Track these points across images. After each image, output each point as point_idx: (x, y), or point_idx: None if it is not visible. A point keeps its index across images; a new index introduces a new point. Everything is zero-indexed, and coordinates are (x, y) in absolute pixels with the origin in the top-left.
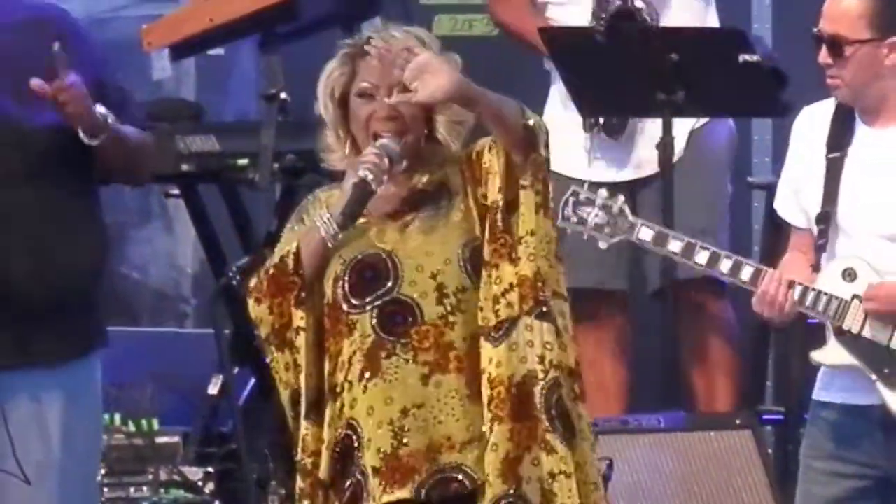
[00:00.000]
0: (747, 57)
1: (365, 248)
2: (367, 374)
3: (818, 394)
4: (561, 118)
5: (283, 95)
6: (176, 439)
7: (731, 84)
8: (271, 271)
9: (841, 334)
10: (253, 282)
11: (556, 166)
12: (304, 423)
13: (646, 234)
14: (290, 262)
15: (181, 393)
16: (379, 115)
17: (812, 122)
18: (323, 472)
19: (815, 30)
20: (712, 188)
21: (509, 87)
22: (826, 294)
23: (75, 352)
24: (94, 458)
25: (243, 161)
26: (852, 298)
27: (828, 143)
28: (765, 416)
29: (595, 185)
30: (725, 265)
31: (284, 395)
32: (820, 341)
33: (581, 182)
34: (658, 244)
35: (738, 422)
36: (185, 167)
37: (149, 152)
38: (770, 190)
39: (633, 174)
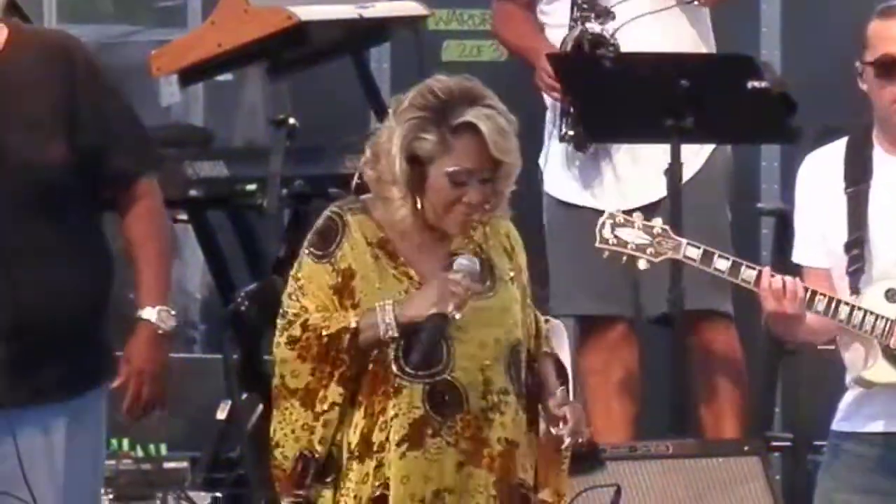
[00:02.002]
0: (756, 83)
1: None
2: (406, 444)
3: (840, 425)
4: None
5: (291, 121)
6: (184, 464)
7: (740, 110)
8: (324, 339)
9: (888, 353)
10: (296, 332)
11: (551, 190)
12: (319, 489)
13: (692, 252)
14: (346, 340)
15: (189, 418)
16: (470, 200)
17: (823, 167)
18: None
19: (882, 54)
20: (714, 214)
21: (516, 113)
22: (872, 313)
23: (85, 385)
24: (98, 484)
25: (252, 186)
26: None
27: (846, 179)
28: (773, 443)
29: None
30: (749, 274)
31: (291, 447)
32: (820, 367)
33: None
34: (705, 263)
35: (746, 448)
36: (193, 193)
37: (168, 237)
38: (778, 216)
39: (642, 200)
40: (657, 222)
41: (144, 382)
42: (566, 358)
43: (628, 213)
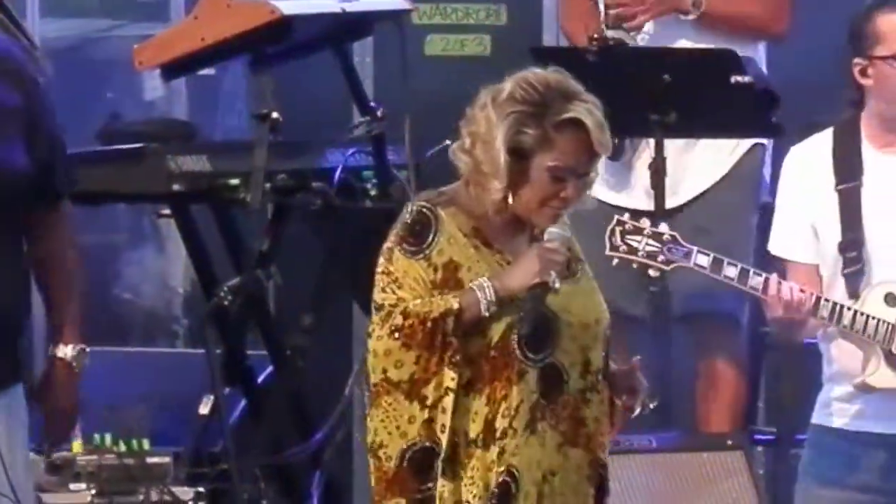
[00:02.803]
0: (739, 78)
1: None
2: (528, 430)
3: (819, 417)
4: None
5: (274, 115)
6: (167, 459)
7: (723, 105)
8: (429, 324)
9: (891, 358)
10: (398, 321)
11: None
12: (440, 481)
13: (703, 260)
14: (451, 323)
15: (172, 413)
16: (566, 195)
17: (809, 158)
18: None
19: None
20: (739, 215)
21: None
22: (875, 318)
23: (15, 379)
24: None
25: (235, 181)
26: None
27: (836, 174)
28: (756, 437)
29: (637, 214)
30: (756, 281)
31: (395, 444)
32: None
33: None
34: (714, 270)
35: (729, 442)
36: (176, 187)
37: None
38: (764, 210)
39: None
40: (664, 228)
41: (60, 420)
42: None
43: (641, 215)
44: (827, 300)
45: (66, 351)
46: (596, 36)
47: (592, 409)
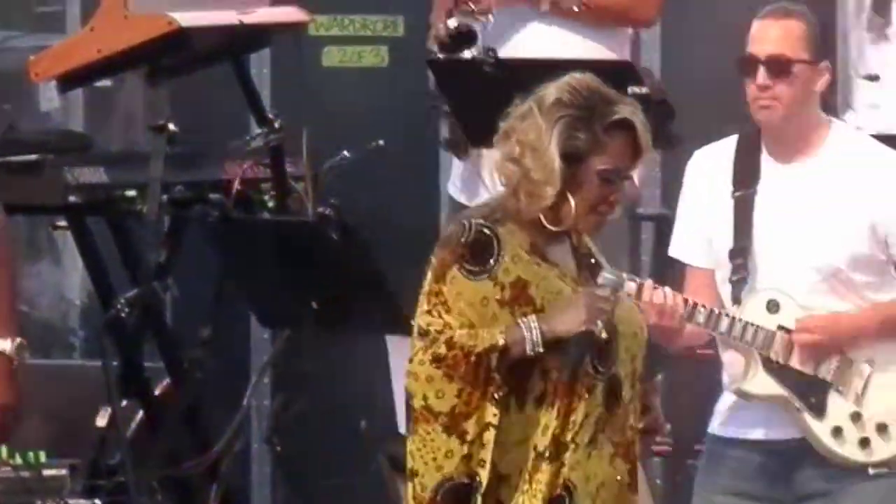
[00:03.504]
0: (636, 89)
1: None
2: (592, 444)
3: (719, 429)
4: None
5: (171, 127)
6: (63, 472)
7: None
8: (472, 358)
9: (768, 365)
10: (442, 350)
11: (451, 190)
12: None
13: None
14: (495, 359)
15: (69, 425)
16: (615, 198)
17: (710, 163)
18: None
19: (747, 53)
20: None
21: (399, 117)
22: (753, 325)
23: None
24: None
25: (132, 193)
26: (777, 329)
27: (734, 181)
28: (654, 448)
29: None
30: (630, 287)
31: (431, 476)
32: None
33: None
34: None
35: None
36: (72, 199)
37: None
38: (659, 221)
39: None
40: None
41: (5, 416)
42: None
43: None
44: (704, 307)
45: (6, 345)
46: (444, 26)
47: (633, 417)
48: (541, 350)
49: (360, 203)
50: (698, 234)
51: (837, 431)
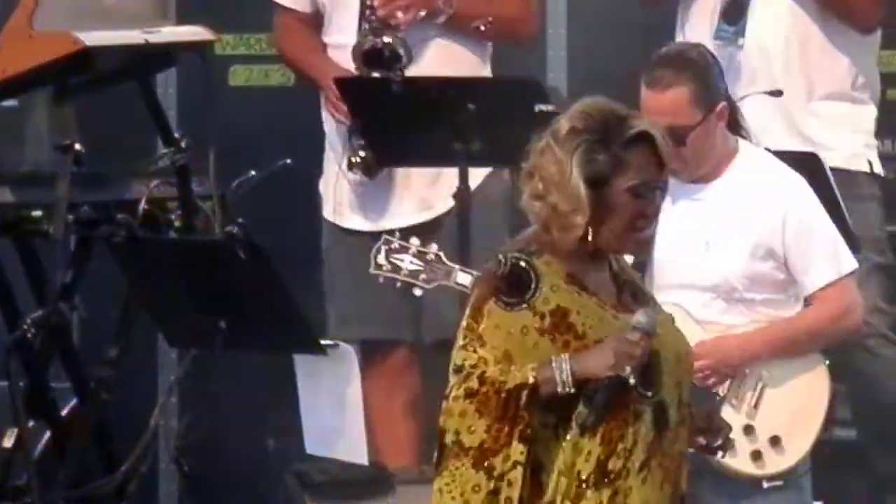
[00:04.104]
0: (542, 106)
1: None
2: (645, 470)
3: None
4: (330, 165)
5: (77, 146)
6: None
7: (528, 133)
8: (503, 395)
9: None
10: (474, 385)
11: (326, 214)
12: None
13: (463, 278)
14: (525, 397)
15: None
16: (650, 211)
17: None
18: None
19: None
20: (492, 235)
21: (305, 136)
22: None
23: None
24: None
25: (38, 213)
26: None
27: None
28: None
29: (404, 232)
30: None
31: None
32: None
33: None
34: None
35: None
36: None
37: None
38: None
39: (398, 222)
40: (432, 248)
41: None
42: (356, 384)
43: (407, 233)
44: None
45: None
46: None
47: (683, 443)
48: (571, 391)
49: (267, 222)
50: None
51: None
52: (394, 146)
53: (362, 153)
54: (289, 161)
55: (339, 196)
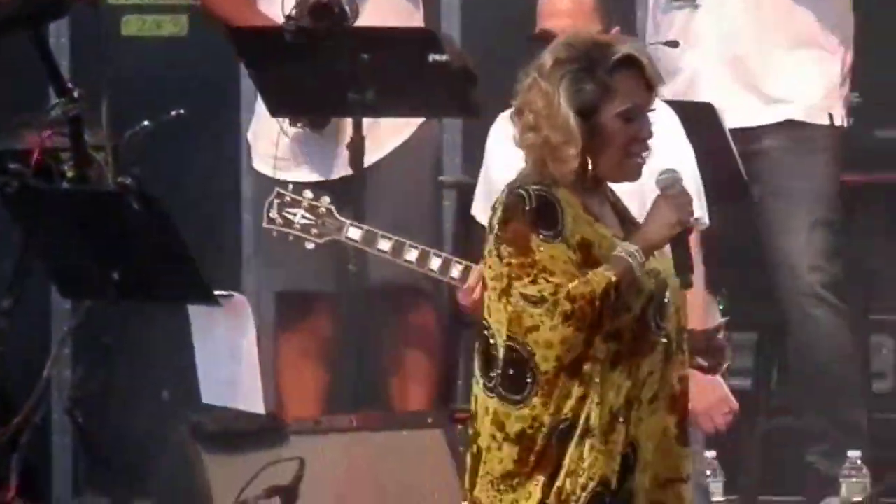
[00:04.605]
0: (437, 57)
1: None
2: (656, 401)
3: None
4: (268, 119)
5: None
6: None
7: (422, 84)
8: (596, 303)
9: None
10: (567, 307)
11: (260, 166)
12: (590, 453)
13: (354, 233)
14: (613, 295)
15: None
16: (644, 135)
17: (504, 128)
18: (613, 485)
19: (539, 29)
20: (418, 189)
21: (198, 88)
22: None
23: None
24: None
25: None
26: None
27: None
28: (456, 415)
29: (300, 186)
30: (435, 263)
31: (550, 424)
32: None
33: (286, 183)
34: (367, 243)
35: (429, 420)
36: None
37: None
38: (460, 189)
39: (342, 172)
40: (324, 201)
41: None
42: (251, 334)
43: (339, 184)
44: None
45: None
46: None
47: (679, 368)
48: (643, 265)
49: (160, 172)
50: (492, 193)
51: None
52: (288, 96)
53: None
54: (181, 111)
55: (275, 148)
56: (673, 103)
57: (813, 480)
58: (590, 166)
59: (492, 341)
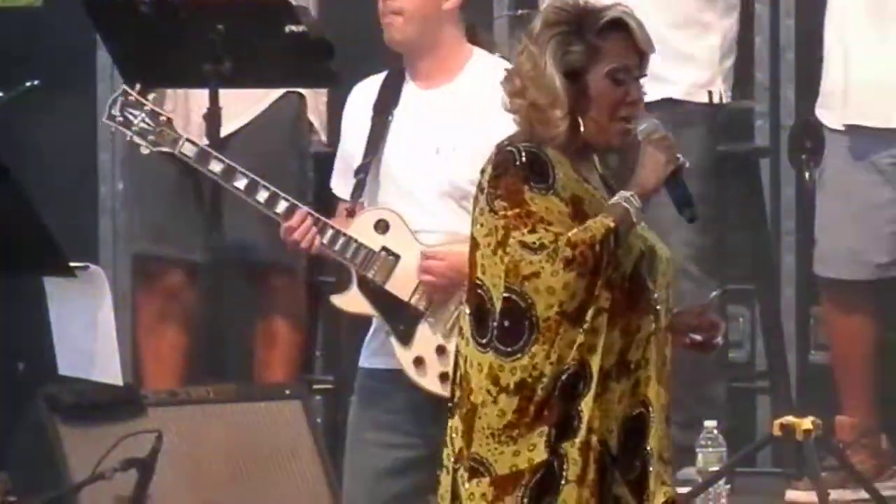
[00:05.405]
0: (293, 27)
1: (642, 232)
2: (660, 362)
3: (363, 360)
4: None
5: None
6: None
7: (279, 54)
8: (597, 248)
9: (364, 283)
10: (568, 253)
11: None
12: (592, 404)
13: (189, 149)
14: (612, 240)
15: None
16: (632, 97)
17: (362, 95)
18: (614, 449)
19: None
20: (279, 159)
21: (54, 59)
22: (356, 241)
23: None
24: None
25: None
26: (381, 250)
27: (374, 108)
28: (314, 386)
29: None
30: (262, 195)
31: (551, 374)
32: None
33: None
34: (200, 162)
35: (287, 392)
36: None
37: None
38: (320, 159)
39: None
40: (167, 110)
41: None
42: (107, 305)
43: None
44: (327, 224)
45: None
46: None
47: (669, 347)
48: (641, 211)
49: (16, 143)
50: (346, 166)
51: (419, 362)
52: (144, 67)
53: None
54: (36, 82)
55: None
56: None
57: None
58: (581, 128)
59: (486, 297)
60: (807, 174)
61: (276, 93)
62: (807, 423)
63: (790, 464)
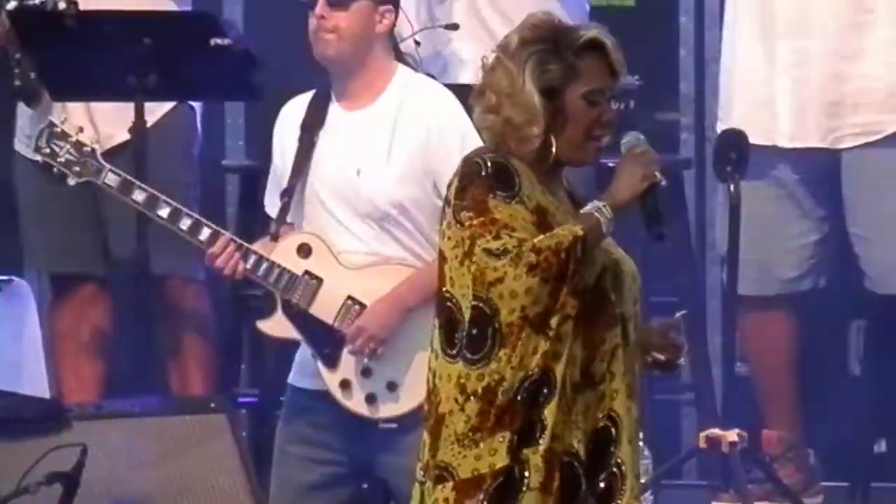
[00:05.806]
0: (218, 40)
1: (607, 247)
2: (628, 375)
3: (292, 378)
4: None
5: None
6: None
7: (204, 68)
8: (562, 255)
9: (288, 307)
10: (532, 259)
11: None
12: (556, 412)
13: (112, 179)
14: (580, 249)
15: None
16: (606, 118)
17: (289, 116)
18: (584, 462)
19: None
20: (175, 169)
21: None
22: (278, 266)
23: None
24: None
25: None
26: (304, 274)
27: (302, 127)
28: (240, 400)
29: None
30: (185, 223)
31: (512, 379)
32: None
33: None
34: (123, 192)
35: (212, 405)
36: None
37: None
38: (242, 173)
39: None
40: (90, 142)
41: None
42: (33, 319)
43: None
44: (250, 250)
45: None
46: None
47: (637, 363)
48: (611, 228)
49: None
50: (277, 185)
51: (345, 385)
52: (69, 81)
53: (18, 82)
54: None
55: (28, 127)
56: (451, 86)
57: None
58: (553, 148)
59: (455, 308)
60: (731, 186)
61: (165, 107)
62: (732, 435)
63: (715, 476)
